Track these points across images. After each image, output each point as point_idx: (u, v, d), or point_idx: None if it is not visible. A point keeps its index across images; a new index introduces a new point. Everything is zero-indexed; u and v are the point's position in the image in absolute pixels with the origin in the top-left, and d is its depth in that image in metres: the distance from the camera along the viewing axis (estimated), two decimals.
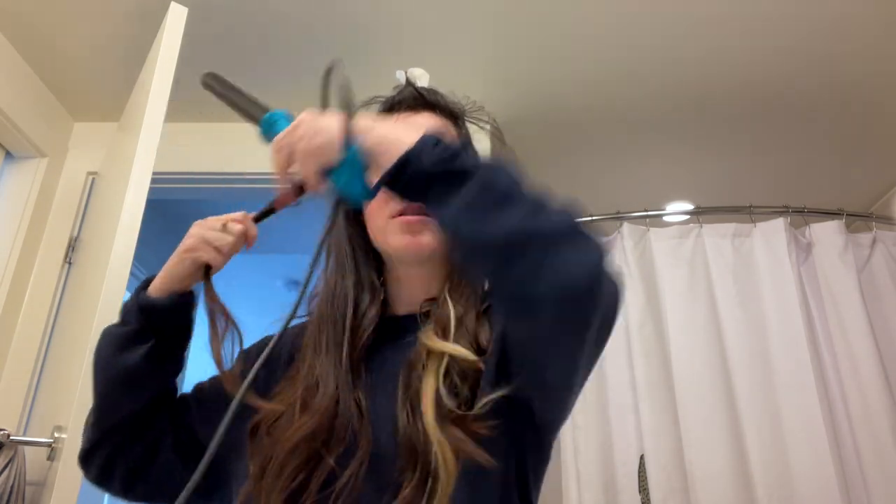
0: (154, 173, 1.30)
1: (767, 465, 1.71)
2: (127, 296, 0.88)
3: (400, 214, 0.79)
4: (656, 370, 1.90)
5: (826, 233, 2.02)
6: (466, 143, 0.77)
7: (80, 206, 1.99)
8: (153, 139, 1.31)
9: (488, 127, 0.91)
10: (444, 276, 0.84)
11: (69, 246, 1.94)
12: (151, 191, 1.30)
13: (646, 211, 2.09)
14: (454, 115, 0.88)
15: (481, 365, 0.72)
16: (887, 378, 1.81)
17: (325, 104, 0.75)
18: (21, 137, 1.85)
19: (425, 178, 0.63)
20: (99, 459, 0.81)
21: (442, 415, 0.69)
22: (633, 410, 1.88)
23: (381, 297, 0.82)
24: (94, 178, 2.03)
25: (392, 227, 0.80)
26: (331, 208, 0.79)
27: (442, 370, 0.72)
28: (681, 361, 1.86)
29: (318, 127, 0.70)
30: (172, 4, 1.44)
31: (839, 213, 2.07)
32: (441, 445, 0.66)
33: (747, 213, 2.05)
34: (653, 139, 2.19)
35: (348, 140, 0.68)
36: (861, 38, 1.74)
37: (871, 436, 1.76)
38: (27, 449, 1.39)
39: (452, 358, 0.72)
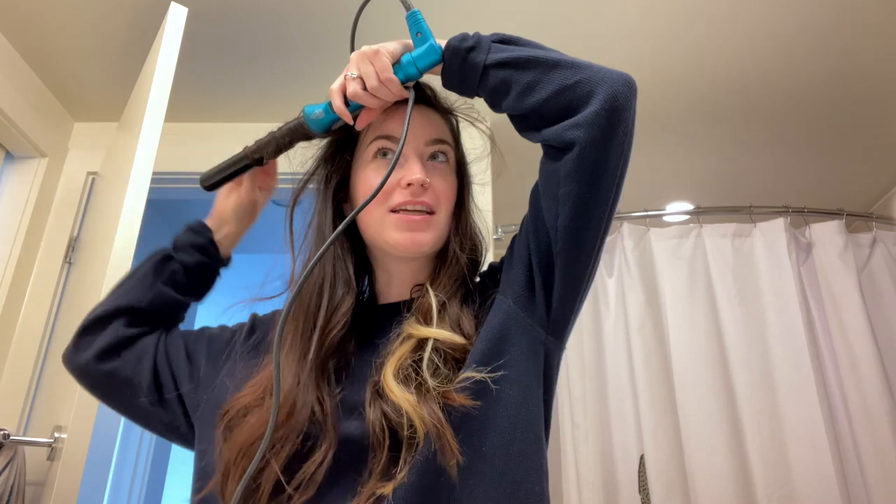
0: (154, 173, 1.30)
1: (767, 465, 1.71)
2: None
3: (399, 209, 0.78)
4: (656, 370, 1.90)
5: (826, 233, 2.02)
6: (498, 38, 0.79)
7: (80, 206, 1.99)
8: (153, 139, 1.31)
9: (480, 124, 0.90)
10: (432, 265, 0.84)
11: (69, 246, 1.93)
12: (151, 191, 1.30)
13: (646, 211, 2.09)
14: (446, 110, 0.88)
15: (469, 346, 0.72)
16: (887, 378, 1.81)
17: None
18: (21, 137, 1.85)
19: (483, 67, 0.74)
20: (108, 333, 0.88)
21: (405, 378, 0.69)
22: (633, 410, 1.88)
23: (355, 292, 0.81)
24: (94, 178, 2.03)
25: (390, 221, 0.78)
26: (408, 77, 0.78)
27: (410, 348, 0.72)
28: (681, 361, 1.86)
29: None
30: (172, 4, 1.44)
31: (839, 213, 2.07)
32: (406, 403, 0.66)
33: (747, 213, 2.06)
34: (653, 139, 2.19)
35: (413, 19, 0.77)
36: (861, 38, 1.74)
37: (871, 436, 1.76)
38: (27, 449, 1.38)
39: (437, 342, 0.72)
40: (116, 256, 1.23)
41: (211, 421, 0.75)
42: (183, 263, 0.90)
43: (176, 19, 1.42)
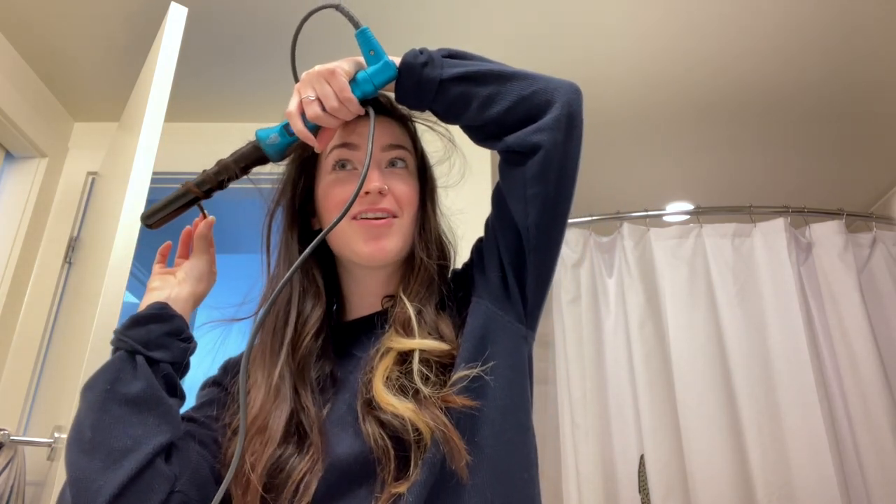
0: (154, 173, 1.30)
1: (767, 465, 1.71)
2: (128, 296, 0.88)
3: (360, 216, 0.79)
4: (656, 370, 1.90)
5: (826, 233, 2.02)
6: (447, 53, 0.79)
7: (80, 206, 1.99)
8: (153, 139, 1.31)
9: (438, 127, 0.91)
10: (401, 273, 0.84)
11: (69, 246, 1.94)
12: (151, 191, 1.30)
13: (646, 211, 2.09)
14: (403, 117, 0.89)
15: (454, 351, 0.73)
16: (887, 378, 1.81)
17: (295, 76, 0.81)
18: (21, 137, 1.85)
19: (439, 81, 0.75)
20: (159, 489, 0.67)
21: (397, 388, 0.70)
22: (633, 410, 1.88)
23: (325, 302, 0.82)
24: (94, 178, 2.03)
25: (355, 230, 0.79)
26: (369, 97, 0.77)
27: (393, 361, 0.72)
28: (681, 361, 1.86)
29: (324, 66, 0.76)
30: (172, 4, 1.44)
31: (839, 213, 2.07)
32: (407, 411, 0.67)
33: (747, 213, 2.06)
34: (653, 139, 2.19)
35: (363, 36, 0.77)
36: (862, 38, 1.74)
37: (871, 436, 1.76)
38: (27, 449, 1.38)
39: (423, 351, 0.73)
40: (116, 256, 1.22)
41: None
42: (171, 362, 0.76)
43: (176, 19, 1.42)
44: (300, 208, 0.86)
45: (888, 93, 1.95)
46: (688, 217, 2.30)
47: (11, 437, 1.33)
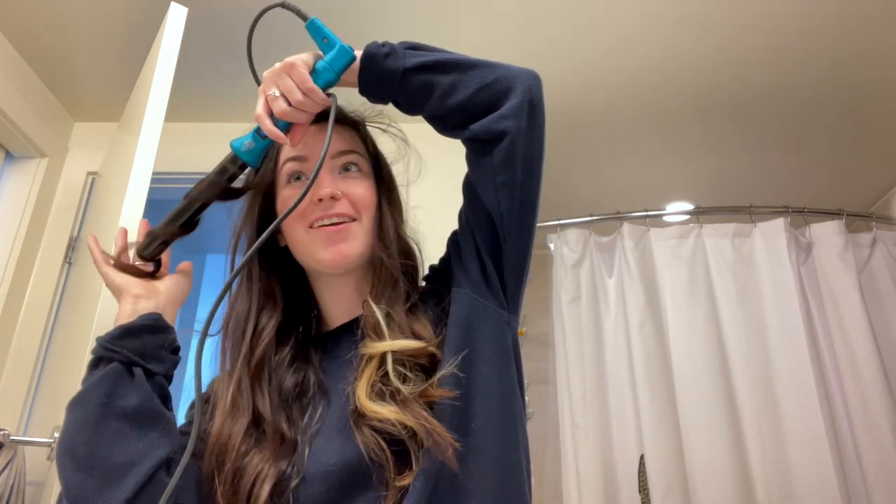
0: (154, 173, 1.30)
1: (767, 465, 1.72)
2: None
3: (316, 224, 0.79)
4: (656, 370, 1.90)
5: (826, 233, 2.02)
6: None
7: (80, 206, 1.99)
8: (153, 139, 1.31)
9: (391, 129, 0.91)
10: (370, 276, 0.84)
11: (69, 246, 1.94)
12: (151, 191, 1.30)
13: (646, 211, 2.09)
14: (354, 123, 0.89)
15: (430, 347, 0.74)
16: (887, 378, 1.81)
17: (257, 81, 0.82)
18: (21, 137, 1.85)
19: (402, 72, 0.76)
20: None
21: (379, 394, 0.70)
22: (633, 410, 1.88)
23: (281, 312, 0.82)
24: (94, 178, 2.03)
25: (313, 238, 0.79)
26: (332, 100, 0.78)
27: (376, 367, 0.73)
28: (681, 361, 1.86)
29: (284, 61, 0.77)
30: (172, 4, 1.43)
31: (839, 213, 2.07)
32: (391, 414, 0.68)
33: (747, 213, 2.06)
34: (653, 139, 2.19)
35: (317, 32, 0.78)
36: (862, 37, 1.74)
37: (871, 436, 1.76)
38: (27, 449, 1.38)
39: (396, 353, 0.73)
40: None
41: None
42: (165, 374, 0.78)
43: (176, 19, 1.42)
44: (263, 228, 0.85)
45: (888, 92, 1.95)
46: (688, 217, 2.30)
47: (11, 437, 1.33)
